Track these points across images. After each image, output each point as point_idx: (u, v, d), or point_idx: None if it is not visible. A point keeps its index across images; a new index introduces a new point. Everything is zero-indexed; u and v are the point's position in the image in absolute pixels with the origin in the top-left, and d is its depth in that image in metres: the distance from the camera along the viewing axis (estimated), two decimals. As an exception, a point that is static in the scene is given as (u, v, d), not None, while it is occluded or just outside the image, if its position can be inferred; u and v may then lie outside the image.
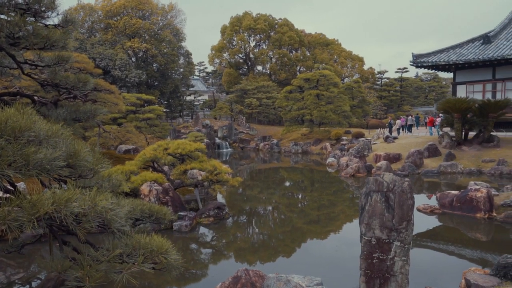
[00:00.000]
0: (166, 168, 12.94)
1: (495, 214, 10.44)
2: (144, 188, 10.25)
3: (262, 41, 55.41)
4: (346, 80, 57.20)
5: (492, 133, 21.48)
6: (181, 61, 47.02)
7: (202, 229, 10.15)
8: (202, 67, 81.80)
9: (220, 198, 14.14)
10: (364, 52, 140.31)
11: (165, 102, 45.77)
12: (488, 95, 27.53)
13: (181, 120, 46.74)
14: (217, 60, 57.24)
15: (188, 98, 51.12)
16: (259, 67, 58.49)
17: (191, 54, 48.84)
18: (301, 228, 10.84)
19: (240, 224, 11.04)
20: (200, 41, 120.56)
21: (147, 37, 41.31)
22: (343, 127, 35.25)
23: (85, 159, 3.56)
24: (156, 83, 43.55)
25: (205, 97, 58.80)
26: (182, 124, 44.44)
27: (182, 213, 10.20)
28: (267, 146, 35.82)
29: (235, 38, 53.32)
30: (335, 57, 58.72)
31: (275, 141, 36.02)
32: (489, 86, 28.36)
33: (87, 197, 3.13)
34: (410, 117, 34.09)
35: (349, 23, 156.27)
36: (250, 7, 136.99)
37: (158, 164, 11.97)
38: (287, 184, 19.89)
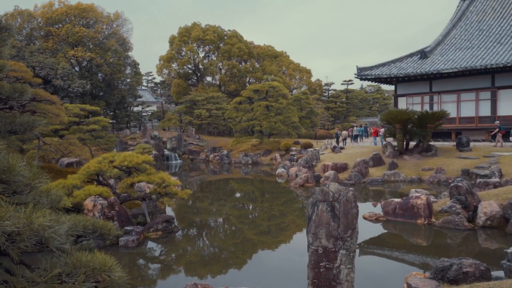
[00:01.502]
0: (112, 181, 12.47)
1: (434, 220, 10.99)
2: (88, 203, 9.79)
3: (211, 52, 55.42)
4: (294, 91, 58.43)
5: (430, 143, 22.73)
6: (128, 71, 45.86)
7: (150, 244, 9.84)
8: (150, 78, 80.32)
9: (170, 211, 13.81)
10: (312, 65, 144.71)
11: (111, 113, 44.32)
12: (426, 107, 29.23)
13: (128, 132, 45.44)
14: (165, 71, 56.46)
15: (135, 109, 49.86)
16: (209, 78, 58.40)
17: (138, 64, 47.83)
18: (252, 239, 10.81)
19: (190, 237, 10.83)
20: (148, 51, 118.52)
21: (91, 46, 39.93)
22: (292, 137, 35.86)
23: (21, 174, 3.32)
24: (101, 94, 42.10)
25: (154, 108, 57.66)
26: (130, 135, 43.21)
27: (128, 228, 9.83)
28: (217, 157, 35.65)
29: (184, 49, 52.95)
30: (284, 69, 59.91)
31: (225, 152, 35.93)
32: (427, 98, 30.11)
33: (22, 214, 2.92)
34: (356, 127, 35.36)
35: (297, 36, 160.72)
36: (199, 18, 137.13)
37: (103, 177, 11.50)
38: (238, 195, 19.84)
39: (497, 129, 23.50)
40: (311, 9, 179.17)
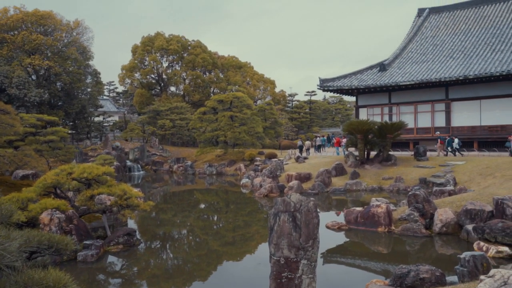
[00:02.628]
0: (70, 194, 12.04)
1: (393, 228, 11.31)
2: (44, 217, 9.39)
3: (175, 62, 55.00)
4: (258, 102, 58.85)
5: (390, 153, 23.45)
6: (89, 80, 44.68)
7: (111, 258, 9.54)
8: (112, 87, 78.61)
9: (132, 224, 13.48)
10: (276, 76, 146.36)
11: (71, 123, 42.92)
12: (386, 118, 30.20)
13: (88, 143, 44.12)
14: (128, 80, 55.47)
15: (96, 119, 48.56)
16: (173, 88, 57.83)
17: (99, 73, 46.72)
18: (217, 250, 10.72)
19: (152, 250, 10.59)
20: (110, 60, 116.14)
21: (49, 54, 38.65)
22: (256, 148, 35.99)
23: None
24: (60, 103, 40.72)
25: (116, 118, 56.37)
26: (90, 146, 41.96)
27: (87, 242, 9.50)
28: (181, 168, 35.20)
29: (147, 58, 52.28)
30: (248, 79, 60.28)
31: (189, 162, 35.54)
32: (386, 110, 31.12)
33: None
34: (319, 137, 35.94)
35: (261, 47, 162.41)
36: (162, 28, 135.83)
37: (61, 190, 11.08)
38: (202, 206, 19.64)
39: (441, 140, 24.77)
40: (274, 21, 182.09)
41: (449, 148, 24.47)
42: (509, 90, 25.97)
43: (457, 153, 24.03)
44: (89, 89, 44.51)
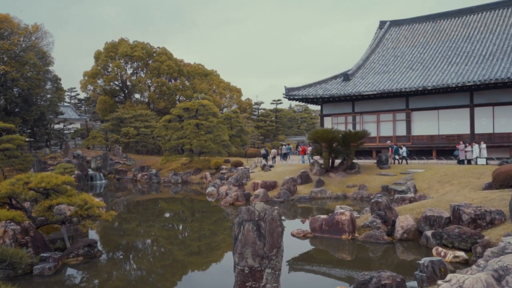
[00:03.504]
0: (27, 204, 11.54)
1: (357, 235, 11.52)
2: (-2, 229, 8.93)
3: (139, 69, 54.13)
4: (225, 110, 58.77)
5: (354, 161, 23.96)
6: (49, 86, 43.17)
7: (70, 271, 9.19)
8: (73, 94, 76.38)
9: (93, 235, 13.07)
10: (242, 84, 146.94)
11: (29, 131, 41.22)
12: (350, 127, 30.90)
13: (48, 151, 42.47)
14: (90, 87, 54.03)
15: (56, 126, 46.90)
16: (137, 95, 56.82)
17: (60, 79, 45.25)
18: (182, 260, 10.55)
19: (115, 261, 10.29)
20: (72, 66, 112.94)
21: (6, 59, 37.07)
22: (222, 156, 35.85)
23: None
24: (17, 110, 39.05)
25: (77, 125, 54.68)
26: (49, 155, 40.42)
27: (45, 255, 9.10)
28: (146, 176, 34.53)
29: (111, 65, 51.16)
30: (214, 87, 60.13)
31: (154, 171, 34.92)
32: (350, 118, 31.86)
33: None
34: (285, 146, 36.25)
35: (227, 55, 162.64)
36: (126, 34, 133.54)
37: (17, 200, 10.60)
38: (167, 215, 19.31)
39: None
40: (241, 30, 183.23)
41: (396, 156, 25.34)
42: (464, 101, 27.22)
43: (403, 160, 25.02)
44: (48, 96, 42.99)
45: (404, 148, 25.72)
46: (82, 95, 72.68)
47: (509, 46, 27.98)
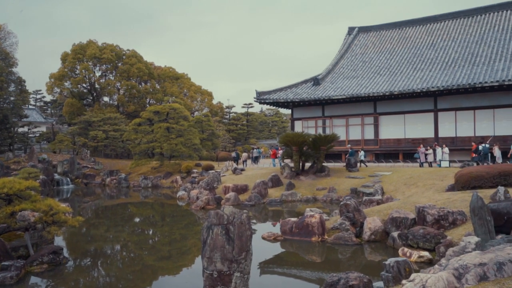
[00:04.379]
0: (-12, 211, 11.09)
1: (326, 237, 11.71)
2: (-43, 237, 8.57)
3: (109, 72, 53.11)
4: (196, 113, 58.42)
5: (324, 164, 24.32)
6: (12, 88, 41.70)
7: (34, 279, 8.91)
8: (39, 96, 74.06)
9: (60, 241, 12.72)
10: (213, 87, 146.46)
11: (-9, 134, 39.68)
12: (320, 130, 31.35)
13: (11, 155, 40.95)
14: (57, 89, 52.52)
15: (20, 129, 45.31)
16: (106, 98, 55.70)
17: (24, 81, 43.76)
18: (152, 265, 10.42)
19: (82, 268, 10.04)
20: (38, 67, 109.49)
21: (-33, 59, 35.70)
22: (193, 160, 35.61)
23: None
24: (-22, 112, 37.57)
25: (43, 128, 53.00)
26: (13, 159, 38.98)
27: (6, 263, 8.79)
28: (115, 181, 33.85)
29: (79, 67, 49.95)
30: (185, 91, 59.71)
31: (123, 175, 34.27)
32: (320, 122, 32.34)
33: None
34: (256, 149, 36.37)
35: (198, 59, 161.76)
36: (95, 36, 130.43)
37: (-22, 206, 10.18)
38: (137, 220, 19.01)
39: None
40: (212, 34, 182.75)
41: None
42: (429, 106, 28.16)
43: (361, 164, 25.65)
44: (12, 98, 41.52)
45: (362, 152, 26.37)
46: (48, 98, 70.65)
47: (470, 54, 29.19)
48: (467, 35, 31.87)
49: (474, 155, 23.17)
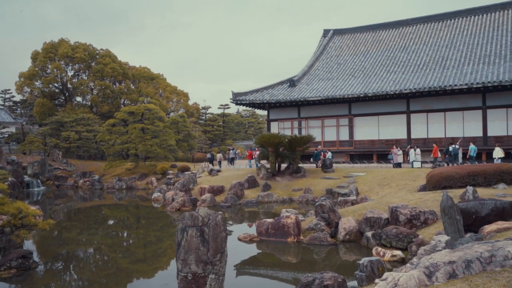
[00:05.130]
0: (-46, 214, 10.69)
1: (302, 238, 11.81)
2: None
3: (81, 71, 51.95)
4: (171, 114, 57.85)
5: (299, 165, 24.51)
6: (-20, 87, 40.29)
7: (0, 285, 8.63)
8: (8, 96, 71.71)
9: (30, 245, 12.37)
10: (189, 88, 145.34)
11: (-44, 135, 38.23)
12: (296, 131, 31.60)
13: (-22, 156, 39.56)
14: (27, 89, 51.02)
15: (-12, 130, 43.88)
16: (79, 98, 54.46)
17: (-7, 80, 42.41)
18: (126, 268, 10.26)
19: (53, 273, 9.80)
20: (6, 66, 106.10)
21: None
22: (169, 161, 35.26)
23: None
24: None
25: (12, 129, 51.37)
26: (-20, 160, 37.65)
27: (-25, 269, 8.50)
28: (88, 182, 33.14)
29: (50, 66, 48.66)
30: (161, 91, 59.03)
31: (96, 177, 33.59)
32: (296, 123, 32.59)
33: None
34: (232, 150, 36.30)
35: (174, 59, 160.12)
36: (67, 35, 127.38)
37: None
38: (111, 222, 18.67)
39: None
40: (189, 34, 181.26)
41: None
42: (402, 108, 28.79)
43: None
44: (-21, 97, 40.13)
45: (329, 153, 26.71)
46: (18, 98, 68.43)
47: (440, 57, 30.03)
48: (437, 39, 32.76)
49: (436, 156, 24.02)
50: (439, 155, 24.41)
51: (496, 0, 33.55)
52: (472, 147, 23.33)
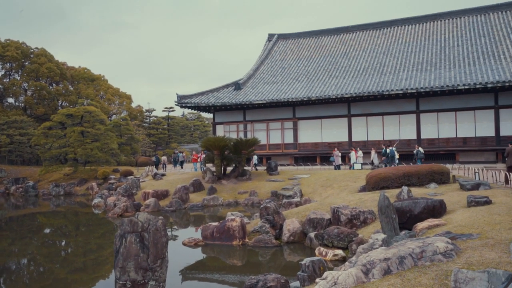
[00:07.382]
0: None
1: (247, 240, 11.88)
2: None
3: (14, 71, 48.86)
4: (114, 117, 55.95)
5: (245, 168, 24.66)
6: None
7: None
8: None
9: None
10: (133, 90, 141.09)
11: None
12: (241, 135, 31.75)
13: None
14: (-49, 88, 47.15)
15: None
16: (11, 100, 51.08)
17: None
18: (65, 278, 9.79)
19: (-19, 288, 9.11)
20: None
21: None
22: (111, 165, 34.06)
23: None
24: None
25: None
26: None
27: None
28: (21, 189, 31.20)
29: (-22, 65, 45.34)
30: (102, 93, 56.89)
31: (31, 183, 31.70)
32: (241, 127, 32.75)
33: None
34: (180, 153, 35.67)
35: (117, 61, 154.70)
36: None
37: None
38: (47, 231, 17.69)
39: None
40: (133, 35, 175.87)
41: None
42: (343, 111, 29.89)
43: (254, 168, 26.75)
44: None
45: (255, 156, 27.16)
46: None
47: (378, 63, 31.55)
48: (375, 46, 34.40)
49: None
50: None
51: (424, 11, 35.79)
52: (418, 150, 24.13)
